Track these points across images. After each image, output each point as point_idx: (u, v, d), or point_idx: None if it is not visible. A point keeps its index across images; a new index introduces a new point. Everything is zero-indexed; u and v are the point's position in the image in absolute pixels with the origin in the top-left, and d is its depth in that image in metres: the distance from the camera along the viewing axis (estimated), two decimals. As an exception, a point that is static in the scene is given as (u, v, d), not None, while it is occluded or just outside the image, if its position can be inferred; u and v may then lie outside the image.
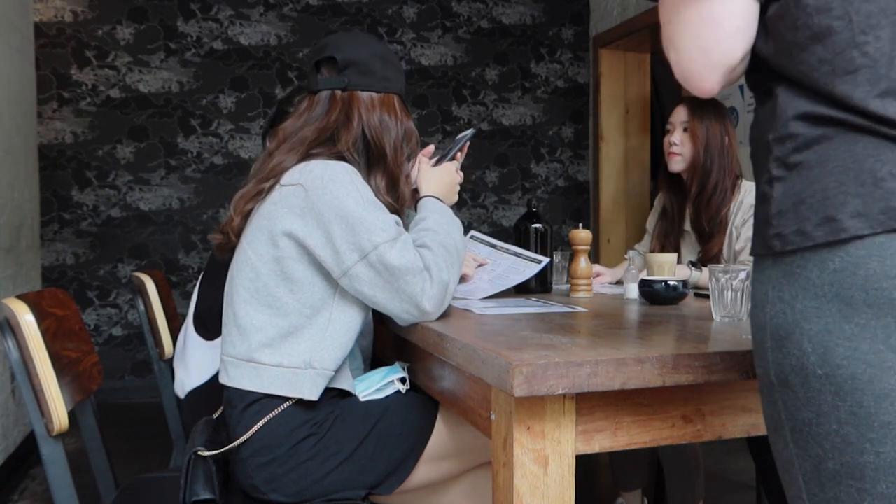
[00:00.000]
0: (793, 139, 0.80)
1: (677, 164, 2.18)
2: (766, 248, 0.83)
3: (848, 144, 0.76)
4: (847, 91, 0.75)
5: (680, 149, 2.16)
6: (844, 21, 0.75)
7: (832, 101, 0.77)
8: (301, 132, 1.45)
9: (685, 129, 2.16)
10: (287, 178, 1.37)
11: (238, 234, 1.44)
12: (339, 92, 1.47)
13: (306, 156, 1.41)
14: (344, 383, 1.40)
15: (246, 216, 1.43)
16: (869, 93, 0.74)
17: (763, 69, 0.86)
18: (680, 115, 2.19)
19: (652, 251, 2.28)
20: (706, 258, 2.11)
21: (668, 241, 2.26)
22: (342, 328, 1.37)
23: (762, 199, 0.84)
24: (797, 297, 0.78)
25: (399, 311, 1.34)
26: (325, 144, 1.44)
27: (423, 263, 1.33)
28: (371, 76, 1.48)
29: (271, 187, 1.39)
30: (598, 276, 2.18)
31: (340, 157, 1.42)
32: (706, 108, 2.15)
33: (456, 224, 1.49)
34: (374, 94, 1.48)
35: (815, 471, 0.79)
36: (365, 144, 1.47)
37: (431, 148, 1.71)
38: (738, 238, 2.06)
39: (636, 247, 2.42)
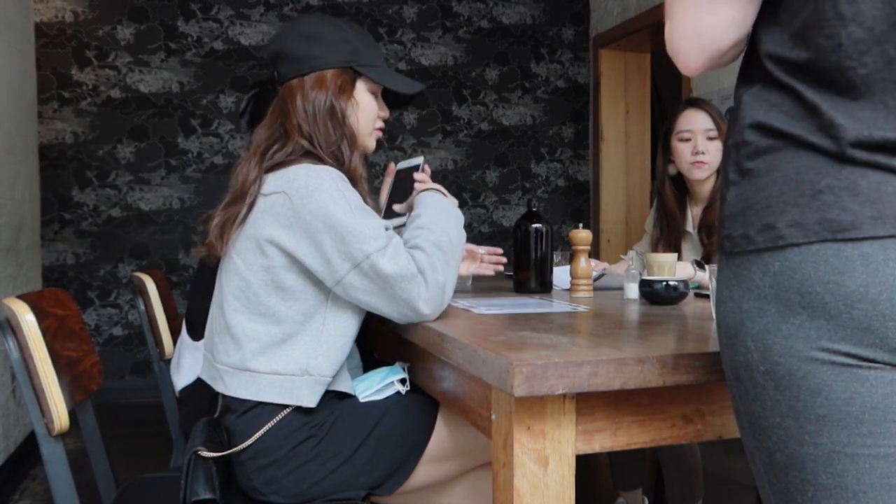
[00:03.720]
0: (747, 146, 0.83)
1: (704, 173, 2.09)
2: (719, 248, 0.87)
3: (793, 157, 0.79)
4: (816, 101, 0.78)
5: (708, 157, 2.07)
6: (833, 41, 0.76)
7: (789, 111, 0.79)
8: (255, 140, 1.42)
9: (710, 138, 2.08)
10: (268, 186, 1.34)
11: (220, 248, 1.40)
12: (279, 88, 1.44)
13: (261, 160, 1.38)
14: (343, 385, 1.39)
15: (225, 235, 1.39)
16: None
17: (752, 62, 0.86)
18: (701, 121, 2.09)
19: (653, 252, 2.28)
20: (710, 254, 2.10)
21: (668, 242, 2.25)
22: (337, 333, 1.36)
23: (721, 201, 0.88)
24: (743, 297, 0.82)
25: (396, 315, 1.32)
26: (279, 143, 1.40)
27: (417, 267, 1.30)
28: (294, 61, 1.42)
29: (252, 202, 1.35)
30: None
31: (307, 155, 1.38)
32: (716, 108, 2.12)
33: (452, 216, 1.45)
34: (305, 78, 1.42)
35: (769, 462, 0.84)
36: (306, 132, 1.40)
37: (392, 166, 1.68)
38: None
39: (635, 247, 2.41)
